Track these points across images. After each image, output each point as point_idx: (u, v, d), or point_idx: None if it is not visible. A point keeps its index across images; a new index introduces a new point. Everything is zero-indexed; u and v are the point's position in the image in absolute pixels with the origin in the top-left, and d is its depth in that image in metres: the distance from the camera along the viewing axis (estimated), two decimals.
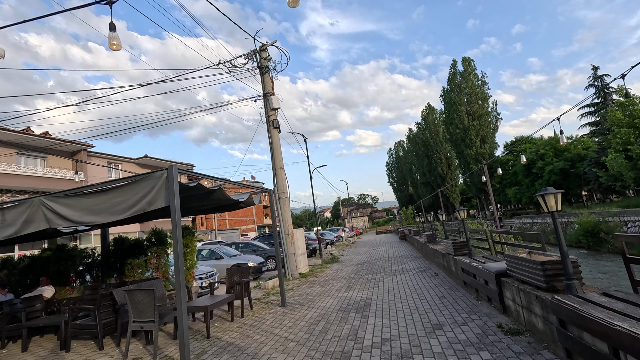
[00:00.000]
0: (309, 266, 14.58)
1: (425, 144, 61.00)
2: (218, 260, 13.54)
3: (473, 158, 49.44)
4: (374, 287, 8.71)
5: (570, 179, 39.94)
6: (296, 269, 12.17)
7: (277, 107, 12.80)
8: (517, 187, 44.90)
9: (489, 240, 7.96)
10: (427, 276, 9.46)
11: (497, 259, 6.67)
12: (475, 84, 50.11)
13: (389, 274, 10.70)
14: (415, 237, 19.41)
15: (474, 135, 49.26)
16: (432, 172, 60.62)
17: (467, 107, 50.18)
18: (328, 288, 9.26)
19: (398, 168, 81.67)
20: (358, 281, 9.86)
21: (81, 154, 23.90)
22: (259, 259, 13.98)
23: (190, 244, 8.23)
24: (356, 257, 17.38)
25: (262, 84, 13.00)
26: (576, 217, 27.96)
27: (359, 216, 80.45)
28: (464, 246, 8.43)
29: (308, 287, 9.81)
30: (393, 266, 12.37)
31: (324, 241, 24.29)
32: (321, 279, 11.19)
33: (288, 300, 8.18)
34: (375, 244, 27.11)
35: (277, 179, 12.60)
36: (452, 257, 8.55)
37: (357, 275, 10.99)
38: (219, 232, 37.82)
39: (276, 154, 12.65)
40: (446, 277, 8.95)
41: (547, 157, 41.01)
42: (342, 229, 38.77)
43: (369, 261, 14.84)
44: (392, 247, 21.41)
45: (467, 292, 6.97)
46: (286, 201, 12.51)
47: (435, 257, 11.33)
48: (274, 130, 12.74)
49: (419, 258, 14.14)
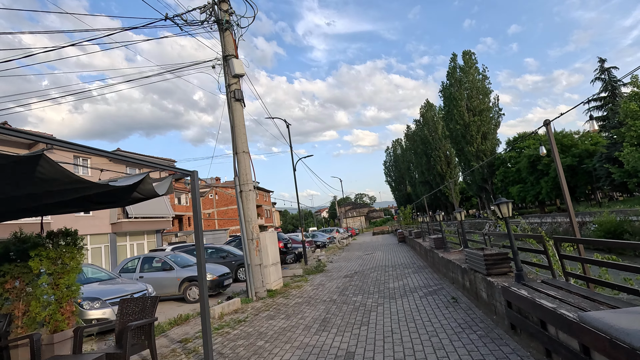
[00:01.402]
0: (286, 278, 11.38)
1: (424, 141, 57.86)
2: (167, 272, 10.33)
3: (474, 155, 46.38)
4: (361, 324, 5.50)
5: (579, 176, 36.82)
6: (262, 286, 8.95)
7: (240, 74, 9.62)
8: (520, 185, 41.70)
9: (547, 253, 4.77)
10: (443, 303, 6.26)
11: (577, 290, 3.52)
12: (476, 79, 47.04)
13: (385, 295, 7.50)
14: (417, 239, 16.19)
15: (474, 131, 46.19)
16: (431, 170, 57.48)
17: (468, 102, 47.11)
18: (294, 322, 6.06)
19: (396, 167, 78.42)
20: (340, 309, 6.65)
21: (38, 145, 20.66)
22: (223, 270, 10.77)
23: (67, 259, 5.04)
24: (347, 264, 14.17)
25: (222, 43, 9.80)
26: (592, 217, 24.85)
27: (356, 216, 76.93)
28: (504, 261, 5.26)
29: (267, 319, 6.60)
30: (391, 281, 9.17)
31: (312, 244, 21.08)
32: (292, 301, 7.98)
33: (224, 350, 4.99)
34: (371, 246, 23.87)
35: (239, 165, 9.41)
36: (483, 278, 5.38)
37: (342, 297, 7.79)
38: (206, 233, 34.60)
39: (238, 133, 9.46)
40: (472, 307, 5.76)
41: None
42: (336, 229, 35.51)
43: (360, 272, 11.64)
44: (390, 251, 18.20)
45: (523, 345, 3.79)
46: (250, 195, 9.32)
47: (450, 271, 8.14)
48: (236, 103, 9.56)
49: (424, 269, 10.95)
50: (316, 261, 15.13)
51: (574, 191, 38.50)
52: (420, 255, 14.17)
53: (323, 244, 25.10)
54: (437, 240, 10.37)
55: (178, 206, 38.14)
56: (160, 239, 27.99)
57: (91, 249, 23.26)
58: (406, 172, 71.24)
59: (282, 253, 15.57)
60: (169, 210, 27.48)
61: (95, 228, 23.31)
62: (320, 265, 13.66)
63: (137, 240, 26.28)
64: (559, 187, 38.40)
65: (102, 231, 23.92)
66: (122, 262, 11.27)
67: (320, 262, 14.65)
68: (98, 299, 7.02)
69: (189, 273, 10.11)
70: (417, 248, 15.23)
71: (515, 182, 43.80)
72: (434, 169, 56.72)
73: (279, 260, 10.60)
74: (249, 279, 8.79)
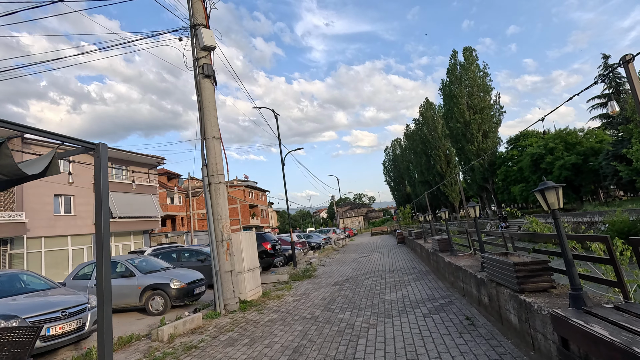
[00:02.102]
0: (267, 285, 9.83)
1: (423, 140, 56.33)
2: (127, 278, 8.77)
3: (474, 154, 44.87)
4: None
5: (583, 175, 35.26)
6: (234, 297, 7.39)
7: (210, 46, 8.09)
8: (523, 184, 40.12)
9: (615, 262, 3.23)
10: (455, 327, 4.69)
11: None
12: (476, 75, 45.55)
13: (380, 312, 5.95)
14: (418, 240, 14.63)
15: (475, 129, 44.69)
16: (431, 170, 55.96)
17: (468, 99, 45.64)
18: (256, 353, 4.49)
19: (395, 167, 76.81)
20: (321, 332, 5.10)
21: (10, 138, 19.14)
22: (194, 276, 9.20)
23: None
24: (339, 268, 12.60)
25: (189, 9, 8.28)
26: (602, 216, 23.31)
27: (354, 216, 75.01)
28: (542, 273, 3.71)
29: (226, 344, 5.03)
30: (388, 291, 7.60)
31: (306, 245, 19.53)
32: (266, 317, 6.42)
33: None
34: (368, 247, 22.31)
35: (207, 153, 7.86)
36: (513, 295, 3.84)
37: (326, 313, 6.23)
38: (196, 234, 33.03)
39: (208, 115, 7.92)
40: (495, 334, 4.20)
41: (557, 151, 36.35)
42: (332, 230, 33.84)
43: (353, 278, 10.08)
44: (388, 254, 16.65)
45: None
46: (221, 188, 7.76)
47: (459, 280, 6.59)
48: (205, 80, 8.02)
49: (426, 275, 9.39)
50: (307, 264, 13.58)
51: (578, 190, 36.98)
52: (421, 259, 12.62)
53: (318, 245, 23.55)
54: (442, 242, 8.81)
55: (171, 206, 36.62)
56: (148, 240, 26.45)
57: (72, 251, 21.72)
58: (405, 171, 69.67)
59: (270, 255, 14.01)
60: (157, 210, 25.95)
61: (76, 228, 21.77)
62: (309, 269, 12.11)
63: (123, 241, 24.74)
64: (563, 187, 36.79)
65: (84, 232, 22.37)
66: (77, 268, 9.69)
67: (310, 265, 13.10)
68: (15, 317, 5.48)
69: (153, 280, 8.55)
70: (418, 250, 13.68)
71: (517, 181, 42.26)
72: (433, 169, 55.21)
73: (257, 266, 9.04)
74: (217, 289, 7.22)
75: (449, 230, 9.01)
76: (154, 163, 26.75)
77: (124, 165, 25.20)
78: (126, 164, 25.24)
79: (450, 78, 47.26)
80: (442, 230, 12.36)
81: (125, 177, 25.23)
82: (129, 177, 25.31)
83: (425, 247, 11.42)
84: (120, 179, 24.87)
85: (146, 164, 26.31)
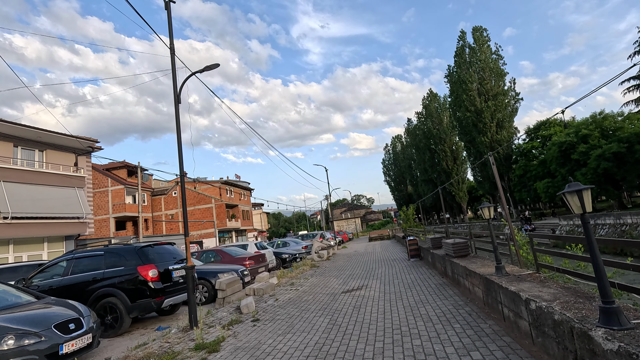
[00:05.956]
0: None
1: (427, 135, 48.74)
2: None
3: (487, 147, 37.26)
4: None
5: (628, 166, 27.48)
6: None
7: None
8: (548, 179, 32.45)
9: None
10: None
11: None
12: (488, 58, 38.13)
13: None
14: (451, 258, 7.06)
15: (488, 118, 37.17)
16: (435, 167, 48.31)
17: (479, 85, 38.16)
18: None
19: (395, 165, 69.15)
20: None
21: None
22: None
23: None
24: (278, 341, 5.13)
25: None
26: None
27: (350, 218, 66.79)
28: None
29: None
30: None
31: (263, 262, 11.94)
32: None
33: None
34: (363, 264, 14.50)
35: None
36: None
37: None
38: (172, 238, 25.71)
39: None
40: None
41: (593, 138, 28.72)
42: (320, 234, 25.67)
43: None
44: (401, 282, 9.02)
45: None
46: None
47: None
48: None
49: None
50: (227, 313, 6.06)
51: (619, 186, 29.26)
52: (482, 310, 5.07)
53: (293, 257, 15.95)
54: None
55: (130, 205, 29.20)
56: (72, 248, 19.04)
57: None
58: (407, 170, 62.04)
59: (155, 293, 6.50)
60: (82, 209, 18.54)
61: None
62: (201, 345, 4.55)
63: (31, 251, 17.35)
64: (601, 181, 29.16)
65: None
66: None
67: (224, 324, 5.58)
68: None
69: None
70: (462, 280, 6.12)
71: (539, 177, 34.54)
72: (438, 166, 47.57)
73: None
74: None
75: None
76: (84, 147, 19.42)
77: (37, 148, 17.93)
78: (40, 146, 17.95)
79: (458, 61, 39.88)
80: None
81: (40, 165, 17.96)
82: (44, 165, 18.03)
83: (494, 280, 3.86)
84: (32, 166, 17.60)
85: (71, 147, 18.99)
